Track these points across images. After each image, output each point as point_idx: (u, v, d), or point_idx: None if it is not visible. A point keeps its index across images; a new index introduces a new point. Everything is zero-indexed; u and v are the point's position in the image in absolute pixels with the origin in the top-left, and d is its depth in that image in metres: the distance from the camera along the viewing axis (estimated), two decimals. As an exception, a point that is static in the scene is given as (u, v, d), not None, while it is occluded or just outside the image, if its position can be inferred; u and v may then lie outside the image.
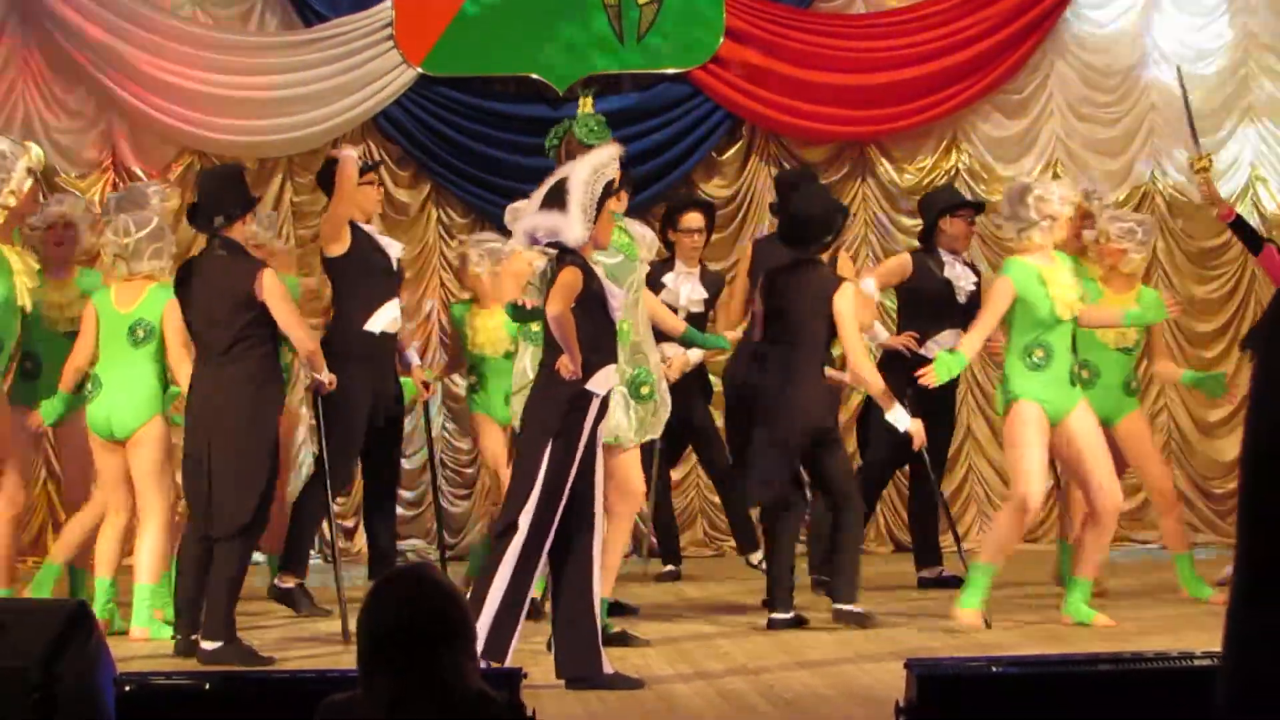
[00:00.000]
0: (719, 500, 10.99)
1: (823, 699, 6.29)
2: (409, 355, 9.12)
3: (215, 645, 7.18)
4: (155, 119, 11.14)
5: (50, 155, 11.07)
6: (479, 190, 11.29)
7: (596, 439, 6.59)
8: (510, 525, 6.47)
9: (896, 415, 7.98)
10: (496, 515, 9.18)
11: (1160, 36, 11.65)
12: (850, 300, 7.98)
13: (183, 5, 11.31)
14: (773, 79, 11.45)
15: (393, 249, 8.82)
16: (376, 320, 8.53)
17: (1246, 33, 11.68)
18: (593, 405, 6.51)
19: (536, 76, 11.34)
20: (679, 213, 9.49)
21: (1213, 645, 2.16)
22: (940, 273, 9.12)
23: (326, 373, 7.74)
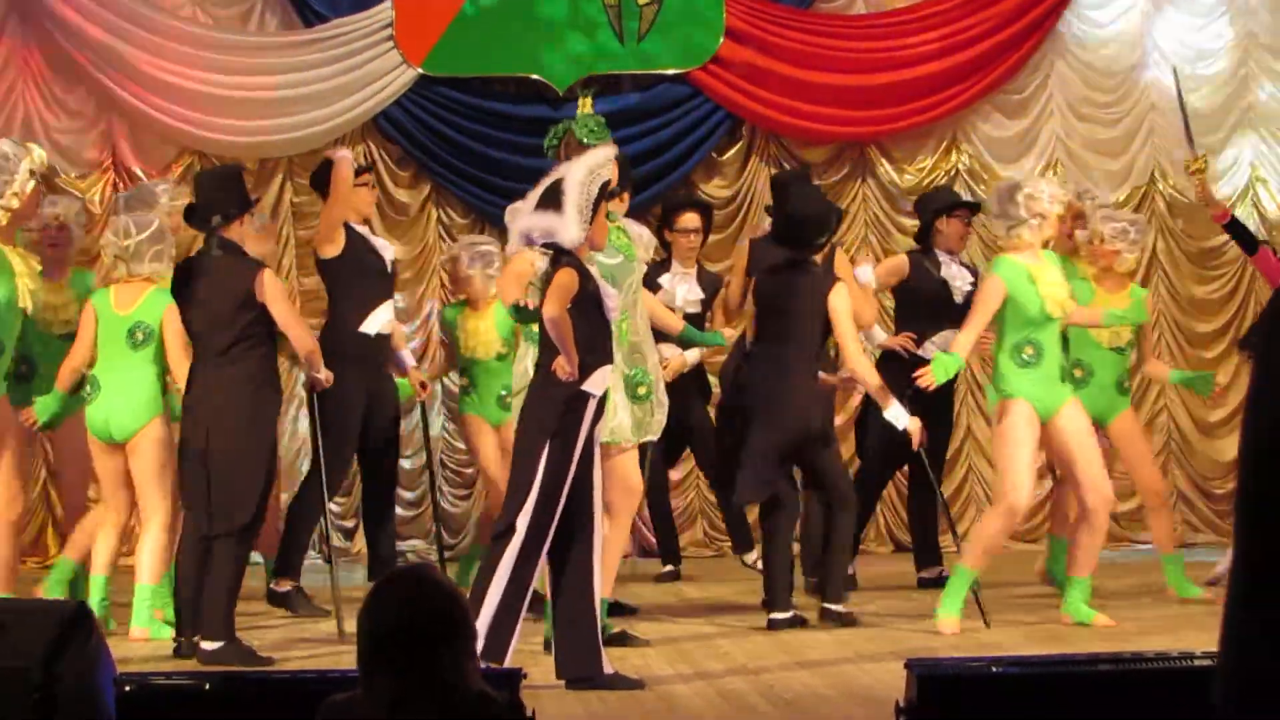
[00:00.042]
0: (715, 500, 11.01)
1: (823, 699, 6.29)
2: (404, 356, 9.11)
3: (215, 645, 7.18)
4: (155, 119, 11.14)
5: (50, 155, 11.06)
6: (479, 191, 11.29)
7: (594, 440, 6.59)
8: (508, 527, 6.46)
9: (895, 413, 7.98)
10: (489, 519, 9.27)
11: (1160, 37, 11.65)
12: (846, 299, 7.99)
13: (183, 5, 11.31)
14: (773, 79, 11.44)
15: (387, 251, 8.83)
16: (371, 322, 8.53)
17: (1246, 33, 11.68)
18: (589, 406, 6.51)
19: (536, 77, 11.34)
20: (675, 213, 9.48)
21: (1212, 645, 2.16)
22: (937, 273, 9.12)
23: (325, 370, 7.76)
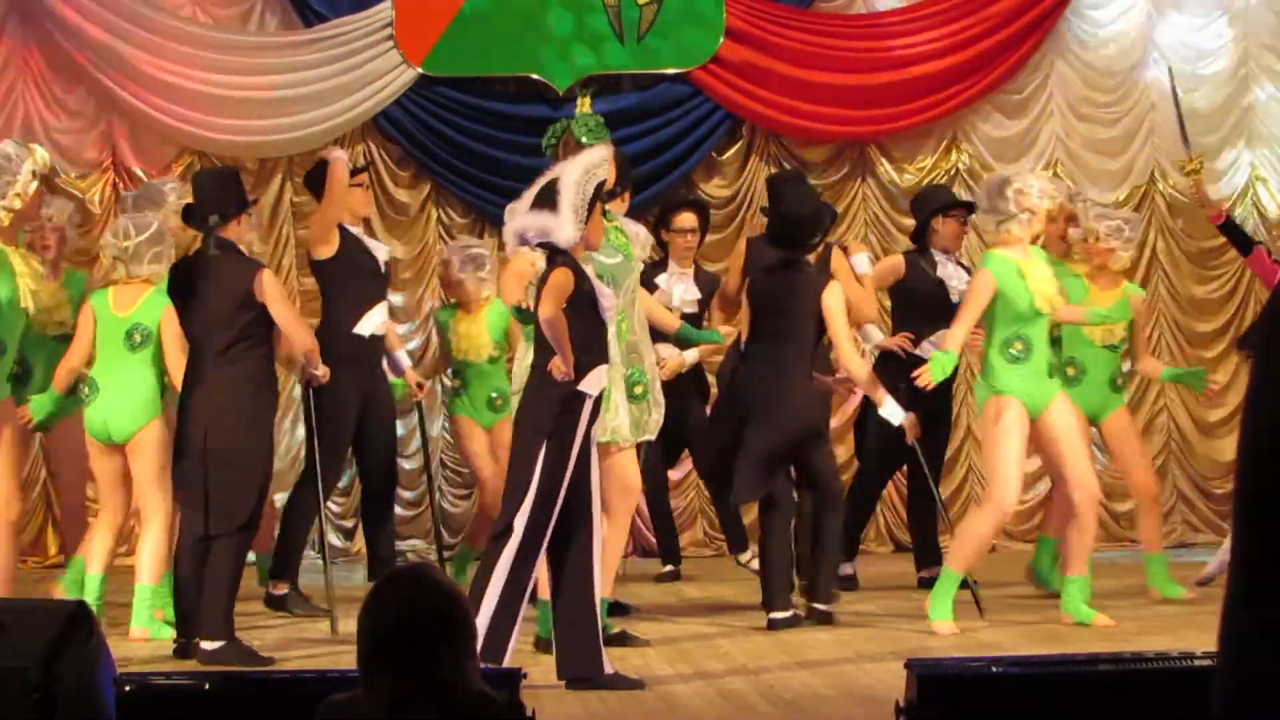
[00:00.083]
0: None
1: (823, 699, 6.29)
2: (399, 357, 9.12)
3: (215, 645, 7.18)
4: (155, 119, 11.14)
5: (50, 155, 11.05)
6: (479, 190, 11.29)
7: (591, 439, 6.59)
8: (506, 528, 6.46)
9: (889, 409, 8.04)
10: (485, 520, 9.29)
11: (1160, 37, 11.65)
12: (839, 297, 8.01)
13: (183, 5, 11.31)
14: (773, 79, 11.44)
15: (380, 251, 8.84)
16: (365, 323, 8.54)
17: (1246, 33, 11.68)
18: (585, 406, 6.50)
19: (536, 76, 11.34)
20: (672, 213, 9.47)
21: (1212, 645, 2.16)
22: (933, 273, 9.12)
23: (323, 367, 7.76)
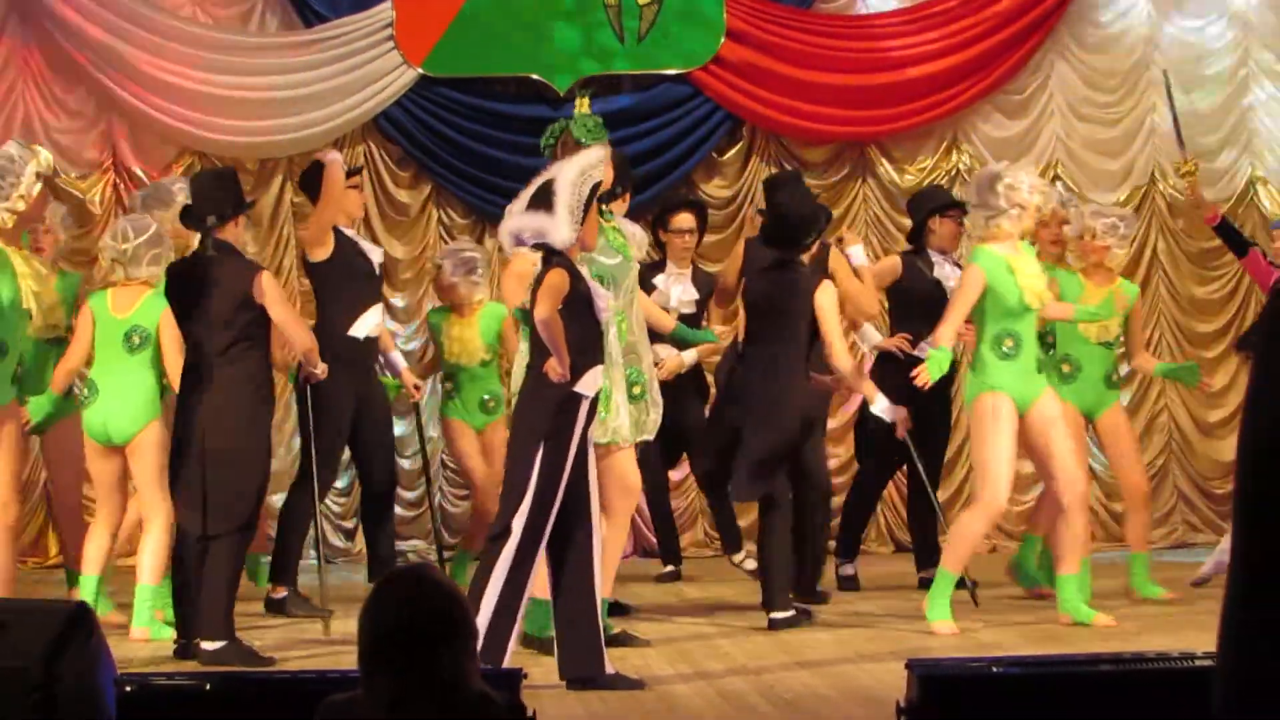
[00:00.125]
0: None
1: (823, 699, 6.29)
2: (395, 358, 9.13)
3: (216, 645, 7.18)
4: (155, 119, 11.14)
5: (51, 155, 11.06)
6: (479, 191, 11.29)
7: (588, 440, 6.58)
8: (504, 529, 6.45)
9: (880, 406, 8.14)
10: (481, 521, 9.32)
11: (1161, 37, 11.65)
12: (832, 296, 8.04)
13: (183, 5, 11.31)
14: (773, 79, 11.45)
15: (375, 254, 8.86)
16: (360, 325, 8.54)
17: (1246, 33, 11.68)
18: (582, 407, 6.49)
19: (537, 77, 11.34)
20: (670, 213, 9.46)
21: (1213, 645, 2.16)
22: (930, 273, 9.12)
23: (321, 365, 7.78)
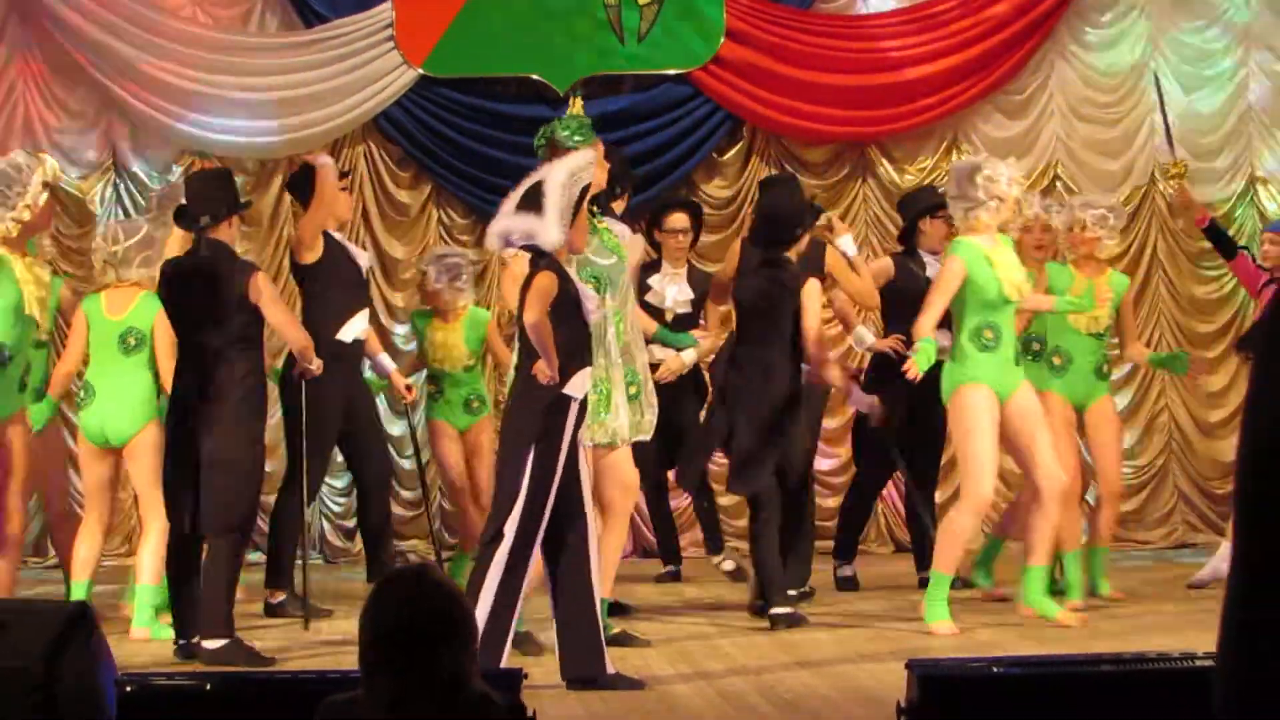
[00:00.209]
0: (718, 502, 11.00)
1: (823, 699, 6.29)
2: (383, 361, 9.13)
3: (217, 644, 7.18)
4: (155, 119, 11.14)
5: (51, 156, 11.05)
6: (480, 191, 11.28)
7: (578, 442, 6.58)
8: (497, 533, 6.45)
9: (855, 398, 8.46)
10: (468, 524, 9.35)
11: (1161, 38, 11.65)
12: (817, 293, 8.11)
13: (183, 5, 11.31)
14: (773, 80, 11.44)
15: (362, 258, 8.92)
16: (348, 329, 8.56)
17: (1246, 33, 11.67)
18: (571, 409, 6.49)
19: (537, 77, 11.34)
20: (663, 213, 9.46)
21: (1213, 645, 2.16)
22: (922, 274, 9.10)
23: (316, 361, 7.80)
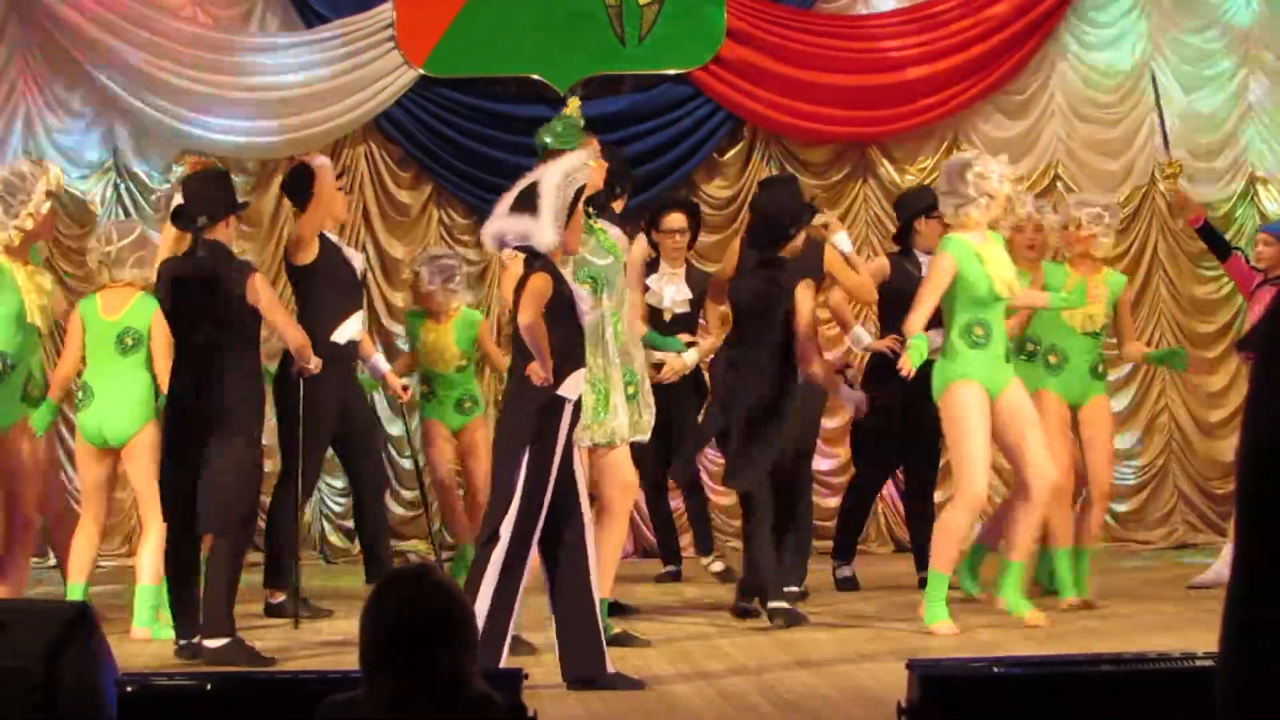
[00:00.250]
0: (717, 502, 11.00)
1: (824, 699, 6.29)
2: (377, 362, 9.13)
3: (219, 642, 7.19)
4: (156, 119, 11.14)
5: (51, 156, 11.07)
6: (480, 191, 11.28)
7: (573, 443, 6.58)
8: (493, 534, 6.46)
9: (843, 395, 8.53)
10: (462, 523, 9.38)
11: (1161, 37, 11.64)
12: (810, 293, 8.11)
13: (183, 5, 11.30)
14: (774, 80, 11.44)
15: (357, 260, 8.95)
16: (342, 331, 8.56)
17: (1246, 33, 11.67)
18: (565, 410, 6.49)
19: (537, 77, 11.34)
20: (661, 213, 9.46)
21: (1214, 645, 2.16)
22: (918, 274, 9.09)
23: (315, 359, 7.81)
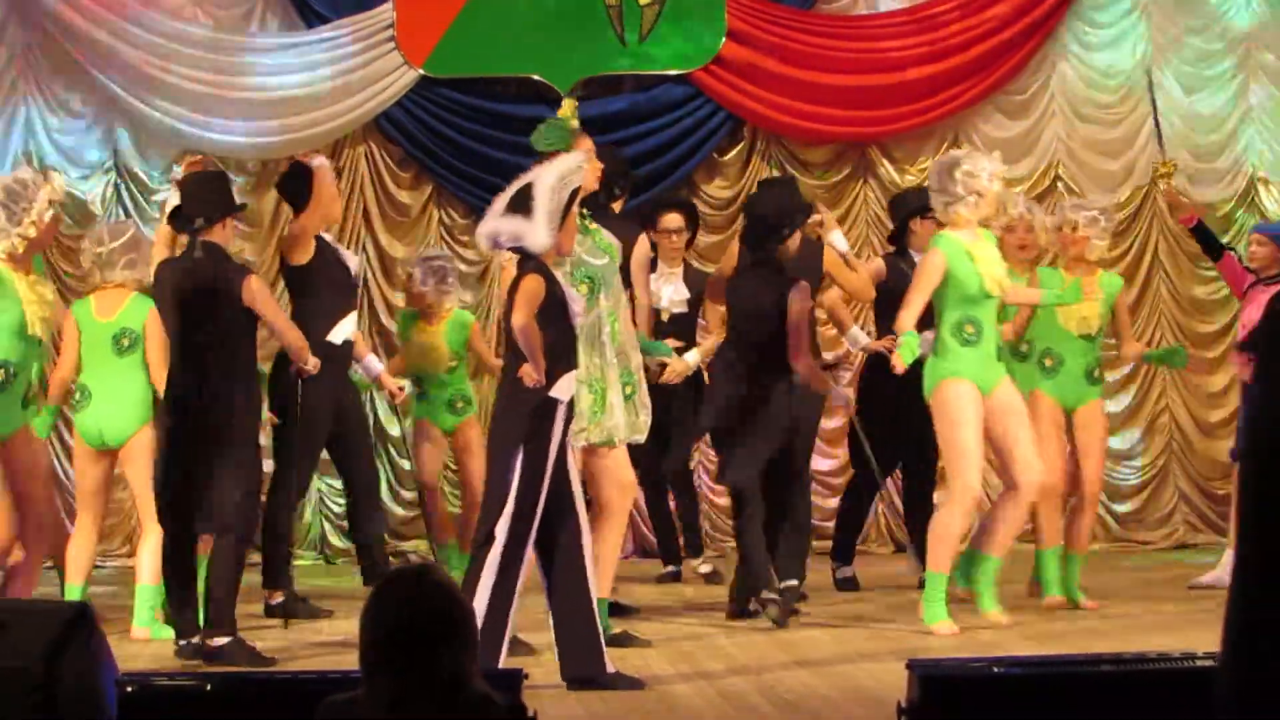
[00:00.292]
0: (716, 502, 11.00)
1: (824, 699, 6.30)
2: (371, 363, 9.13)
3: (221, 641, 7.19)
4: (156, 120, 11.14)
5: (51, 156, 11.07)
6: (480, 191, 11.25)
7: (566, 444, 6.58)
8: (488, 535, 6.46)
9: (835, 394, 8.62)
10: (457, 526, 9.39)
11: (1161, 38, 11.64)
12: (803, 296, 8.08)
13: (183, 5, 11.30)
14: (774, 80, 11.44)
15: (352, 261, 8.94)
16: (337, 332, 8.56)
17: (1246, 34, 11.67)
18: (559, 412, 6.49)
19: (537, 77, 11.34)
20: (658, 214, 9.47)
21: (1214, 645, 2.16)
22: (913, 274, 9.11)
23: (313, 359, 7.81)
